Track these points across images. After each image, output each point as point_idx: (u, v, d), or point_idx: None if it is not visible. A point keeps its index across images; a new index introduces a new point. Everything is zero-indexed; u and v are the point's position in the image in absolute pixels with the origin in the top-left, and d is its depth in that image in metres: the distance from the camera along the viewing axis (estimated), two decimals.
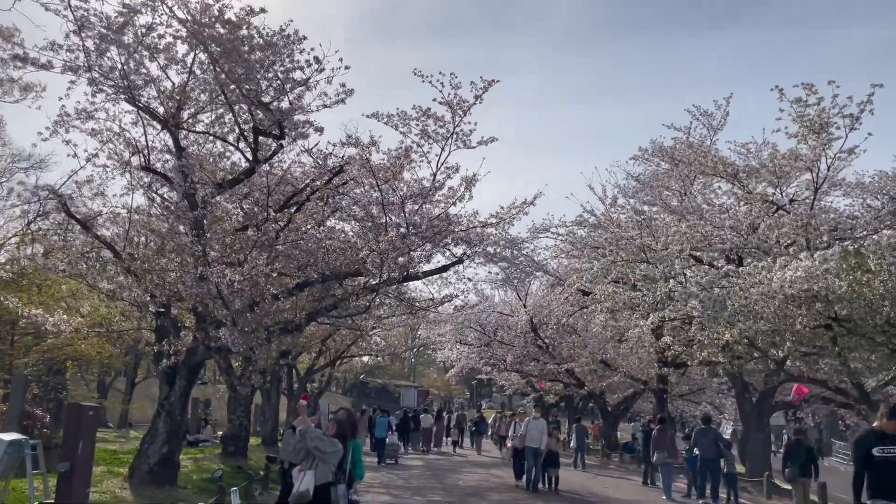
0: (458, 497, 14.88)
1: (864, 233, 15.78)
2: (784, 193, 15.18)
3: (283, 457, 11.56)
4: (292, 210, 12.60)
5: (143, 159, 12.19)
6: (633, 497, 15.88)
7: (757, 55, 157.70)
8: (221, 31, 10.64)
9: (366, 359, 39.28)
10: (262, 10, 10.72)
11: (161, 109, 11.99)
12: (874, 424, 6.77)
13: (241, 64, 10.06)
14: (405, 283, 13.85)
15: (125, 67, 11.09)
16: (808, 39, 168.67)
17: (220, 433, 22.29)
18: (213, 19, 10.65)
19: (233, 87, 10.91)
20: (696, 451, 15.89)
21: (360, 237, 13.15)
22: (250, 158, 11.86)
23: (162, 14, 10.74)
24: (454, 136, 12.79)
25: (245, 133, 11.77)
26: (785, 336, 13.28)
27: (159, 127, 12.33)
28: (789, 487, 14.63)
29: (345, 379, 50.39)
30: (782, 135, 13.43)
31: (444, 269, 13.90)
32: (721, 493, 15.34)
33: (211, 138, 13.14)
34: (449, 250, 14.64)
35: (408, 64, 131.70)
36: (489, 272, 19.42)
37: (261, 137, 11.68)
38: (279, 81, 10.42)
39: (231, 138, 12.69)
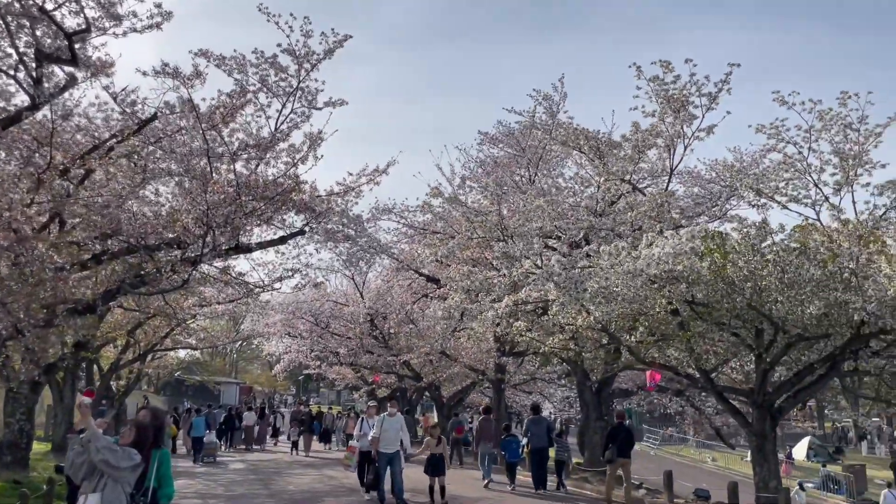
0: None
1: (706, 219, 16.10)
2: (636, 175, 14.98)
3: (67, 471, 9.24)
4: (90, 163, 10.14)
5: None
6: (481, 494, 14.96)
7: (595, 58, 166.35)
8: None
9: (182, 353, 35.74)
10: None
11: None
12: None
13: None
14: (235, 256, 11.73)
15: None
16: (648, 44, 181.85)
17: None
18: None
19: None
20: (526, 439, 15.79)
21: (180, 196, 10.88)
22: (32, 93, 9.30)
23: None
24: (298, 91, 11.06)
25: (25, 59, 9.20)
26: (639, 321, 12.95)
27: None
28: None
29: (158, 376, 46.02)
30: (639, 113, 13.12)
31: (283, 240, 11.94)
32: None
33: None
34: (282, 226, 12.78)
35: (233, 47, 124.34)
36: (333, 247, 17.63)
37: (47, 66, 9.18)
38: None
39: (11, 72, 9.99)
